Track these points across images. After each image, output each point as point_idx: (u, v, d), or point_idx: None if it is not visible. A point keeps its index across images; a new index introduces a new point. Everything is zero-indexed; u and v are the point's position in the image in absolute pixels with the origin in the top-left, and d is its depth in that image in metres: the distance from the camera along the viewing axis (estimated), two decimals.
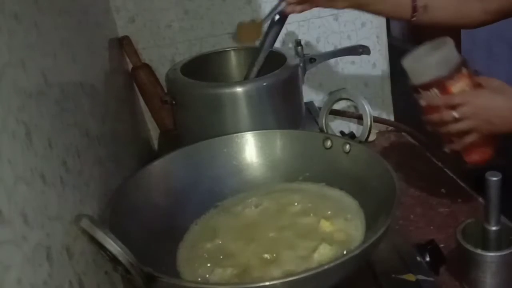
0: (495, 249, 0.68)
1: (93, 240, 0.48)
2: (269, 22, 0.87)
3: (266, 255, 0.61)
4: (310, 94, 1.19)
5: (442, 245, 0.74)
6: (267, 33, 0.88)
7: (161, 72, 1.07)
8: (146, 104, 1.10)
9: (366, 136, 0.74)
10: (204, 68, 0.97)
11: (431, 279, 0.62)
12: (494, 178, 0.65)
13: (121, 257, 0.48)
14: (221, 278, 0.59)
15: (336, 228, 0.65)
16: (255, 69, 0.90)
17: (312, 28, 1.15)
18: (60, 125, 0.54)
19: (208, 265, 0.61)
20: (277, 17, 0.85)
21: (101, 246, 0.48)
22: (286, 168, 0.77)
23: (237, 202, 0.74)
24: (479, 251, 0.68)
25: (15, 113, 0.42)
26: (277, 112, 0.87)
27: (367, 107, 0.75)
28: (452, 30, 0.81)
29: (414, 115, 0.80)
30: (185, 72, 0.89)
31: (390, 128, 1.24)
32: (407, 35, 1.29)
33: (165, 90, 0.96)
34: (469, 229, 0.71)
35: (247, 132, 0.78)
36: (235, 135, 0.78)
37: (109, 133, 0.76)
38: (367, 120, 0.74)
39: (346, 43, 1.16)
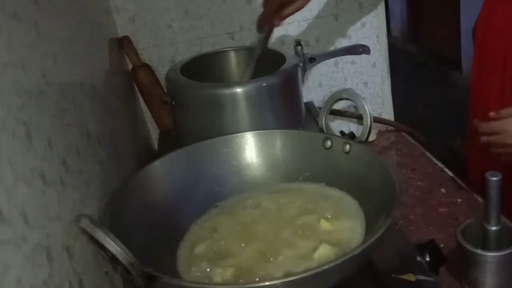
0: (495, 249, 0.68)
1: (93, 240, 0.48)
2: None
3: (266, 255, 0.61)
4: (310, 94, 1.19)
5: (442, 245, 0.74)
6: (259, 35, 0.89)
7: (161, 72, 1.07)
8: (146, 104, 1.10)
9: (366, 136, 0.74)
10: (204, 68, 0.97)
11: (431, 279, 0.62)
12: (494, 178, 0.65)
13: (121, 257, 0.48)
14: (221, 278, 0.59)
15: (336, 228, 0.65)
16: (249, 71, 0.91)
17: (312, 28, 1.15)
18: (60, 125, 0.54)
19: (208, 265, 0.61)
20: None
21: (101, 246, 0.48)
22: (286, 168, 0.77)
23: (237, 202, 0.74)
24: (479, 251, 0.68)
25: (15, 113, 0.42)
26: (277, 112, 0.87)
27: (367, 107, 0.75)
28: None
29: (414, 115, 0.80)
30: (185, 72, 0.89)
31: (390, 128, 1.24)
32: (407, 35, 1.29)
33: (165, 90, 0.96)
34: (469, 229, 0.71)
35: (247, 132, 0.78)
36: (235, 135, 0.77)
37: (109, 133, 0.76)
38: (367, 120, 0.74)
39: (346, 43, 1.16)
